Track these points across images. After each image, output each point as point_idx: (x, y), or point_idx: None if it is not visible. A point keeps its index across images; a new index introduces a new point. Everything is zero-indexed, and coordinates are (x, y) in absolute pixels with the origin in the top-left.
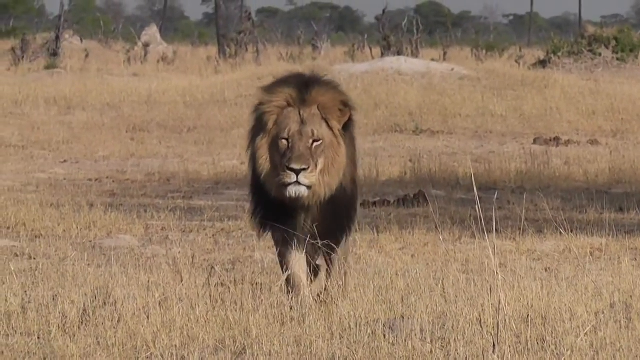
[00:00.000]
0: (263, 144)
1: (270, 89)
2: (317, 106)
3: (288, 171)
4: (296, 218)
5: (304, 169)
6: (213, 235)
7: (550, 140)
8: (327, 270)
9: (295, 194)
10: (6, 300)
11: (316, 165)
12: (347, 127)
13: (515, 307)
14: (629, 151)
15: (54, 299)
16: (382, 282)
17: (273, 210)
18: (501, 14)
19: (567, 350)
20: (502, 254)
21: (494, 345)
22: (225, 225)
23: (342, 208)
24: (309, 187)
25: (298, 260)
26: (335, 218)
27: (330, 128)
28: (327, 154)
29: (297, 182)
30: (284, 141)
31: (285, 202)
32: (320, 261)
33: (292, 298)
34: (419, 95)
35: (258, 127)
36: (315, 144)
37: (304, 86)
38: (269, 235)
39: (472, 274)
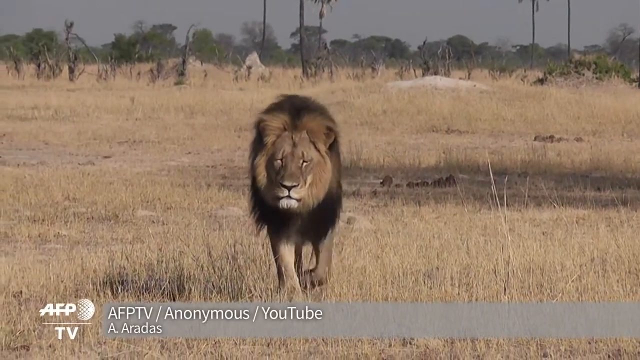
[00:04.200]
0: (261, 162)
1: (269, 112)
2: (305, 131)
3: (282, 187)
4: (289, 219)
5: (295, 186)
6: None
7: (547, 138)
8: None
9: (287, 205)
10: (146, 255)
11: (305, 182)
12: (333, 146)
13: (520, 261)
14: (604, 146)
15: (180, 253)
16: (422, 242)
17: (268, 212)
18: (511, 45)
19: (559, 293)
20: (510, 222)
21: (505, 289)
22: None
23: (328, 208)
24: (298, 200)
25: (288, 252)
26: (322, 216)
27: (318, 149)
28: (315, 171)
29: (289, 197)
30: (279, 161)
31: (279, 210)
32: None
33: (283, 283)
34: (450, 104)
35: (258, 140)
36: (304, 164)
37: (295, 113)
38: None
39: (488, 236)
